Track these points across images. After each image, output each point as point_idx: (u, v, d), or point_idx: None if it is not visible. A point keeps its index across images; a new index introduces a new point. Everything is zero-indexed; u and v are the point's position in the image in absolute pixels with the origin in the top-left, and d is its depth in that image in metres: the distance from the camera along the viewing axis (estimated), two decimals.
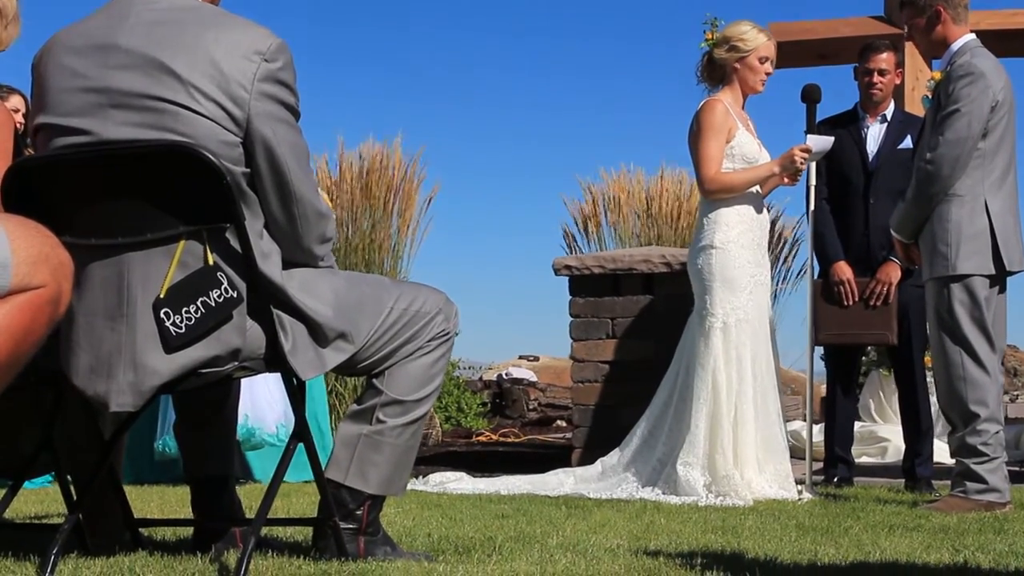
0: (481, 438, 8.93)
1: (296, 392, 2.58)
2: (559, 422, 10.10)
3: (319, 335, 2.56)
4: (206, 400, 2.91)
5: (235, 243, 2.45)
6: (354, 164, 7.56)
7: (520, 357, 13.02)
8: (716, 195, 5.11)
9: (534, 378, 11.34)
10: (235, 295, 2.44)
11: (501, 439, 8.96)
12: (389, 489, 2.76)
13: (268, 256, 2.51)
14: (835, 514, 4.20)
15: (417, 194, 7.62)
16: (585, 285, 6.30)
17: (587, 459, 5.74)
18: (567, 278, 6.31)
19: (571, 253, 9.80)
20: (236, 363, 2.50)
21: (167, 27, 2.47)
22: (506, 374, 11.33)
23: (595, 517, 4.01)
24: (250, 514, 2.80)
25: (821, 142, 5.19)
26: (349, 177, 7.50)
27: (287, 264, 2.57)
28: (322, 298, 2.58)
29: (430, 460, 7.24)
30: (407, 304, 2.73)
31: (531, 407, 10.95)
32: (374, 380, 2.74)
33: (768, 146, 5.27)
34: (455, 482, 5.23)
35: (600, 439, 5.95)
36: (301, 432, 2.59)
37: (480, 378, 11.87)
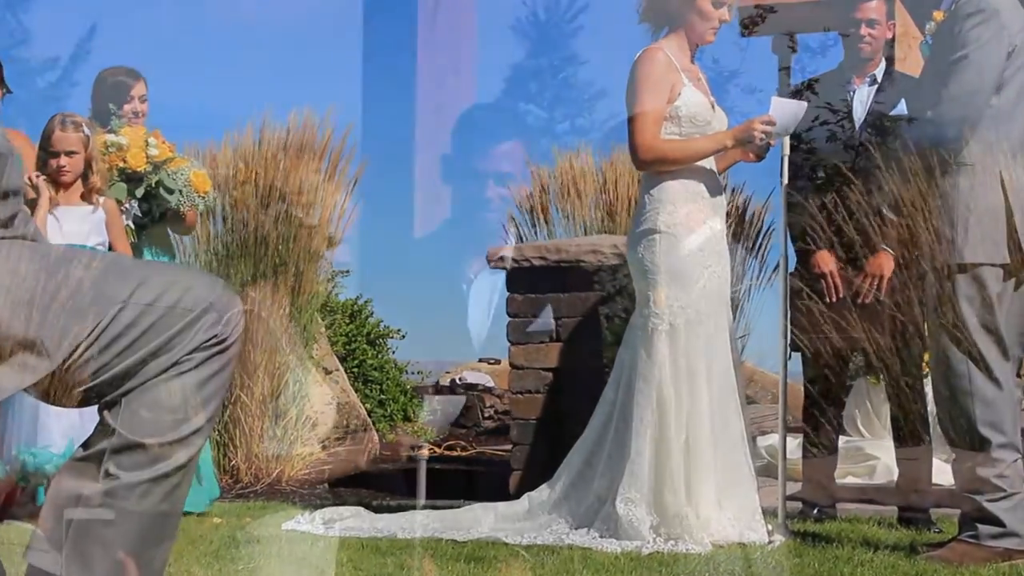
0: (422, 452, 8.02)
1: None
2: None
3: None
4: None
5: None
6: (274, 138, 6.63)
7: (480, 360, 12.09)
8: (650, 167, 4.18)
9: (491, 383, 10.40)
10: None
11: (446, 452, 8.06)
12: None
13: None
14: (809, 574, 3.31)
15: (344, 174, 6.69)
16: (524, 279, 5.49)
17: (528, 484, 4.94)
18: (503, 271, 5.49)
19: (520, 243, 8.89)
20: None
21: None
22: (460, 379, 10.39)
23: None
24: None
25: (788, 109, 4.18)
26: (268, 152, 6.55)
27: None
28: None
29: (352, 481, 6.42)
30: (153, 297, 1.80)
31: (487, 415, 10.02)
32: (105, 413, 1.82)
33: (729, 111, 4.34)
34: (351, 519, 4.28)
35: (542, 460, 5.15)
36: None
37: (436, 382, 10.94)
